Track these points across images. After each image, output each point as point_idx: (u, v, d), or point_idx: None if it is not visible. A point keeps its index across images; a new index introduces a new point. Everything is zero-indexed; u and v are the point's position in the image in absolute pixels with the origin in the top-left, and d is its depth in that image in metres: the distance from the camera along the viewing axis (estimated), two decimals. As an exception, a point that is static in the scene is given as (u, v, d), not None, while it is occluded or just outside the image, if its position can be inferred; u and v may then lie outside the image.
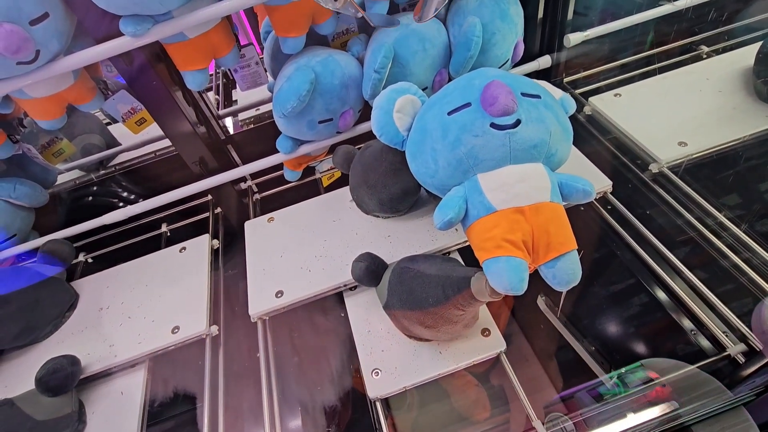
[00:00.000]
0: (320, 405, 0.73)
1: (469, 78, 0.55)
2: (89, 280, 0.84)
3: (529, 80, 0.55)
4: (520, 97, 0.51)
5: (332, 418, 0.73)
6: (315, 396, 0.73)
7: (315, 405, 0.73)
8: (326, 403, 0.74)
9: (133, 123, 0.79)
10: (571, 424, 0.59)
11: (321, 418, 0.72)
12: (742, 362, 0.58)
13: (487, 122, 0.50)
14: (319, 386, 0.74)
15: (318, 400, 0.73)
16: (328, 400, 0.73)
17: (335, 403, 0.73)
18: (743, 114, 0.80)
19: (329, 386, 0.74)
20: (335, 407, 0.73)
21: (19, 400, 0.63)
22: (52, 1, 0.55)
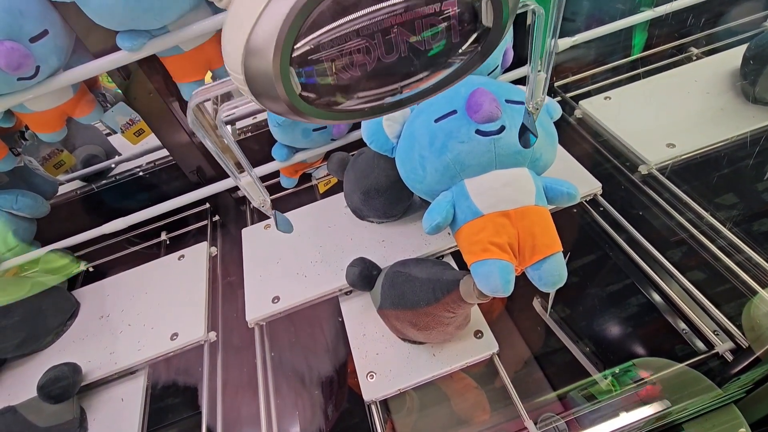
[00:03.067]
0: (318, 409, 0.74)
1: (455, 86, 0.56)
2: (90, 289, 0.85)
3: (514, 87, 0.57)
4: (505, 103, 0.52)
5: (330, 422, 0.74)
6: (313, 400, 0.74)
7: (313, 409, 0.73)
8: (324, 407, 0.75)
9: (131, 134, 0.81)
10: (563, 423, 0.60)
11: (319, 422, 0.73)
12: (731, 360, 0.59)
13: (472, 129, 0.51)
14: (317, 390, 0.74)
15: (316, 404, 0.74)
16: (325, 404, 0.74)
17: (333, 407, 0.74)
18: (730, 115, 0.81)
19: (326, 390, 0.75)
20: (333, 411, 0.74)
21: (22, 407, 0.64)
22: (51, 19, 0.57)
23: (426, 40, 0.24)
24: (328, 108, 0.25)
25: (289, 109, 0.24)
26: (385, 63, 0.24)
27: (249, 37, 0.21)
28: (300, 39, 0.22)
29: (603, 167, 0.83)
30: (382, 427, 0.61)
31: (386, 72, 0.24)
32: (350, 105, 0.26)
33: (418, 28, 0.23)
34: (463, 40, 0.25)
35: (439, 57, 0.25)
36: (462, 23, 0.24)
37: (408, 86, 0.26)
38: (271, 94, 0.23)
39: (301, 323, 0.77)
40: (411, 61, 0.24)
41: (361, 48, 0.23)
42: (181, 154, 0.80)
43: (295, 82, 0.23)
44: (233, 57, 0.23)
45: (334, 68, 0.23)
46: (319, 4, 0.20)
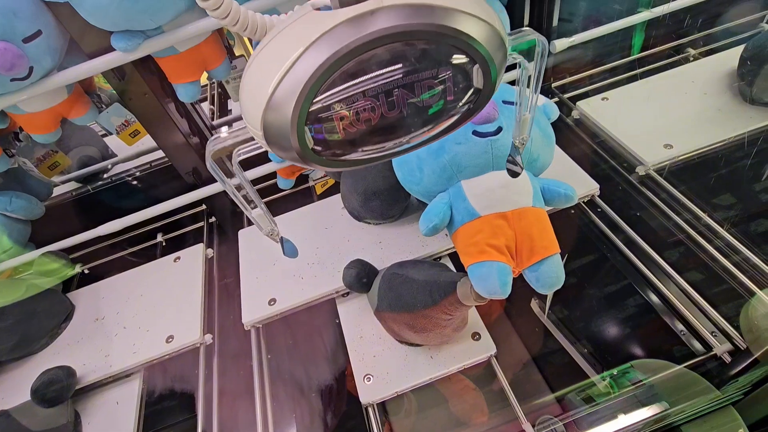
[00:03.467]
0: (315, 412, 0.74)
1: None
2: (85, 291, 0.85)
3: (510, 87, 0.57)
4: (502, 104, 0.52)
5: (327, 425, 0.73)
6: (309, 403, 0.73)
7: (309, 412, 0.73)
8: (321, 409, 0.74)
9: (127, 135, 0.80)
10: (561, 426, 0.59)
11: (316, 424, 0.73)
12: (729, 362, 0.58)
13: (469, 130, 0.51)
14: (314, 393, 0.74)
15: (312, 407, 0.73)
16: (322, 406, 0.74)
17: (330, 410, 0.73)
18: (727, 116, 0.81)
19: (323, 393, 0.74)
20: (330, 414, 0.73)
21: (15, 411, 0.64)
22: (44, 19, 0.56)
23: (425, 100, 0.26)
24: (335, 157, 0.28)
25: (300, 158, 0.27)
26: (388, 120, 0.26)
27: (270, 98, 0.24)
28: (314, 100, 0.24)
29: (600, 168, 0.83)
30: (379, 430, 0.61)
31: (390, 128, 0.27)
32: (356, 156, 0.28)
33: (417, 90, 0.26)
34: (458, 98, 0.28)
35: (437, 114, 0.28)
36: (456, 85, 0.27)
37: (410, 140, 0.29)
38: (285, 146, 0.26)
39: (298, 325, 0.77)
40: (412, 118, 0.27)
41: (367, 107, 0.25)
42: (176, 155, 0.79)
43: (309, 137, 0.26)
44: (252, 113, 0.25)
45: (342, 125, 0.26)
46: (335, 72, 0.23)
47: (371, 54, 0.23)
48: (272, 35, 0.25)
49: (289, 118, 0.24)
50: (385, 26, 0.22)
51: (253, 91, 0.25)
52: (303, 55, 0.23)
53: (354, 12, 0.23)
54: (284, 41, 0.24)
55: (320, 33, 0.23)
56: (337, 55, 0.22)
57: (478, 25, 0.25)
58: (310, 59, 0.23)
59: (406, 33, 0.23)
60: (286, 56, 0.23)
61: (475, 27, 0.24)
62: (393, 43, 0.23)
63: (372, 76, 0.24)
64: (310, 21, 0.24)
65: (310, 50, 0.23)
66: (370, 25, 0.22)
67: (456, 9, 0.24)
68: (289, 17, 0.26)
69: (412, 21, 0.23)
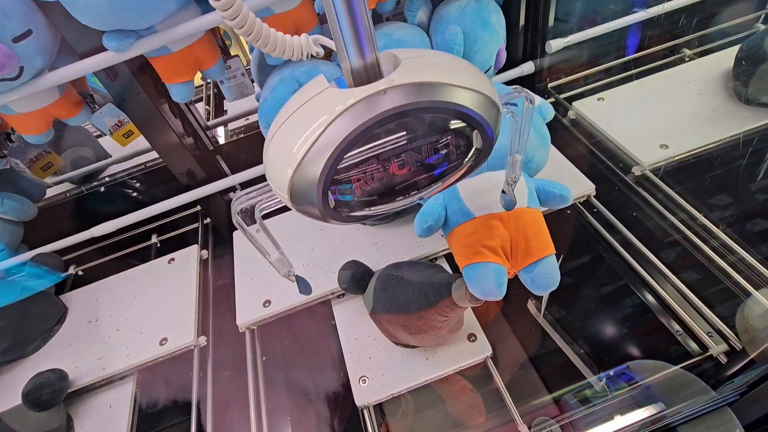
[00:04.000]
0: (310, 414, 0.73)
1: None
2: (78, 293, 0.84)
3: (508, 89, 0.56)
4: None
5: (322, 427, 0.73)
6: (305, 405, 0.73)
7: (304, 414, 0.73)
8: (316, 411, 0.74)
9: (120, 136, 0.79)
10: (557, 427, 0.59)
11: (311, 426, 0.72)
12: (725, 362, 0.58)
13: None
14: (309, 395, 0.73)
15: (308, 409, 0.73)
16: (318, 408, 0.73)
17: (325, 412, 0.73)
18: (723, 116, 0.81)
19: (319, 395, 0.74)
20: (326, 415, 0.73)
21: (6, 415, 0.63)
22: (35, 19, 0.56)
23: (431, 162, 0.30)
24: (352, 213, 0.31)
25: (321, 216, 0.30)
26: (399, 180, 0.30)
27: (297, 166, 0.27)
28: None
29: (596, 168, 0.83)
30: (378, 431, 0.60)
31: (400, 186, 0.30)
32: (369, 212, 0.32)
33: (424, 152, 0.29)
34: (461, 158, 0.31)
35: (443, 173, 0.31)
36: (459, 147, 0.30)
37: (420, 196, 0.32)
38: (309, 205, 0.29)
39: (293, 327, 0.76)
40: (421, 177, 0.30)
41: (380, 169, 0.29)
42: (170, 156, 0.78)
43: (330, 198, 0.29)
44: (280, 179, 0.28)
45: (358, 186, 0.29)
46: (358, 143, 0.26)
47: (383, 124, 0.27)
48: (294, 107, 0.29)
49: (315, 183, 0.27)
50: (396, 105, 0.26)
51: (280, 158, 0.28)
52: (327, 129, 0.26)
53: (368, 92, 0.26)
54: (308, 115, 0.27)
55: (341, 110, 0.26)
56: (358, 129, 0.26)
57: (473, 97, 0.28)
58: (334, 133, 0.26)
59: (413, 110, 0.26)
60: (311, 130, 0.26)
61: (470, 98, 0.28)
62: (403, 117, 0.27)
63: (383, 142, 0.27)
64: (329, 98, 0.27)
65: (332, 125, 0.26)
66: (383, 103, 0.26)
67: (453, 84, 0.27)
68: (307, 91, 0.29)
69: (418, 99, 0.26)
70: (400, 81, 0.26)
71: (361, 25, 0.25)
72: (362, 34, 0.26)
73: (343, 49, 0.26)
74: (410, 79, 0.26)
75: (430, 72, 0.27)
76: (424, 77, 0.27)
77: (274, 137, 0.29)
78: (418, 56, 0.29)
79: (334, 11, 0.25)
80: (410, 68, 0.27)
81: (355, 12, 0.25)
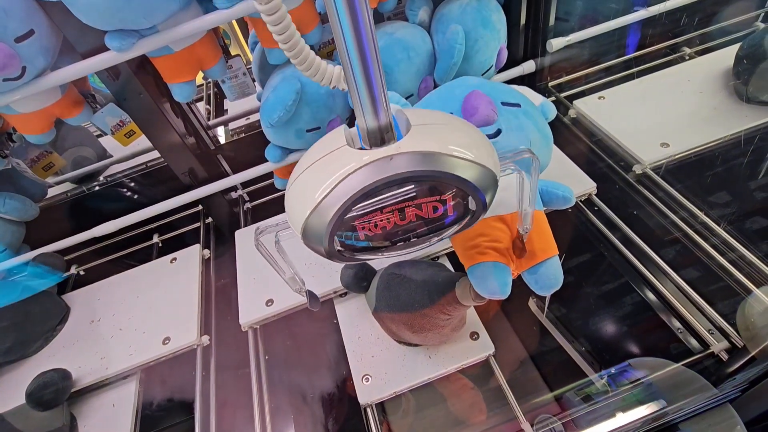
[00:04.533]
0: (313, 412, 0.73)
1: (450, 87, 0.56)
2: (80, 293, 0.84)
3: (509, 88, 0.56)
4: (500, 106, 0.52)
5: (326, 426, 0.73)
6: (308, 404, 0.73)
7: (308, 412, 0.73)
8: (319, 410, 0.74)
9: (122, 135, 0.80)
10: (560, 424, 0.59)
11: (314, 425, 0.73)
12: (726, 359, 0.59)
13: None
14: (312, 394, 0.74)
15: (311, 408, 0.73)
16: (321, 407, 0.73)
17: (328, 411, 0.73)
18: (723, 114, 0.81)
19: (322, 394, 0.74)
20: (328, 414, 0.73)
21: (10, 415, 0.63)
22: (37, 19, 0.56)
23: (430, 217, 0.32)
24: (353, 255, 0.35)
25: (326, 255, 0.34)
26: (400, 229, 0.33)
27: (312, 211, 0.31)
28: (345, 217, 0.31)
29: (597, 167, 0.83)
30: (378, 430, 0.60)
31: (401, 236, 0.34)
32: (370, 256, 0.35)
33: (425, 209, 0.32)
34: (457, 215, 0.34)
35: (441, 226, 0.34)
36: (456, 207, 0.33)
37: (419, 247, 0.35)
38: (317, 245, 0.33)
39: (296, 326, 0.76)
40: (421, 229, 0.33)
41: (383, 219, 0.32)
42: (172, 155, 0.79)
43: (336, 241, 0.33)
44: (297, 219, 0.32)
45: (363, 233, 0.32)
46: (365, 197, 0.30)
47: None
48: (317, 156, 0.32)
49: (325, 227, 0.31)
50: (401, 171, 0.29)
51: (300, 199, 0.32)
52: (340, 184, 0.30)
53: (379, 155, 0.29)
54: (326, 169, 0.31)
55: (355, 168, 0.29)
56: (367, 188, 0.29)
57: (473, 168, 0.31)
58: (346, 187, 0.30)
59: (416, 176, 0.30)
60: (328, 182, 0.30)
61: (469, 170, 0.31)
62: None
63: (388, 196, 0.30)
64: (345, 155, 0.31)
65: (345, 181, 0.30)
66: (391, 167, 0.29)
67: (455, 156, 0.30)
68: (326, 145, 0.32)
69: (421, 168, 0.29)
70: (407, 149, 0.29)
71: (377, 93, 0.28)
72: (378, 101, 0.28)
73: (360, 112, 0.29)
74: (416, 148, 0.30)
75: (436, 142, 0.30)
76: (429, 147, 0.30)
77: (296, 180, 0.33)
78: (429, 122, 0.32)
79: (354, 82, 0.27)
80: (418, 136, 0.30)
81: (372, 82, 0.27)
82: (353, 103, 0.29)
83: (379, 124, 0.29)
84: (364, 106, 0.29)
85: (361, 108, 0.29)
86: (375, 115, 0.29)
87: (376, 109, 0.29)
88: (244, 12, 0.59)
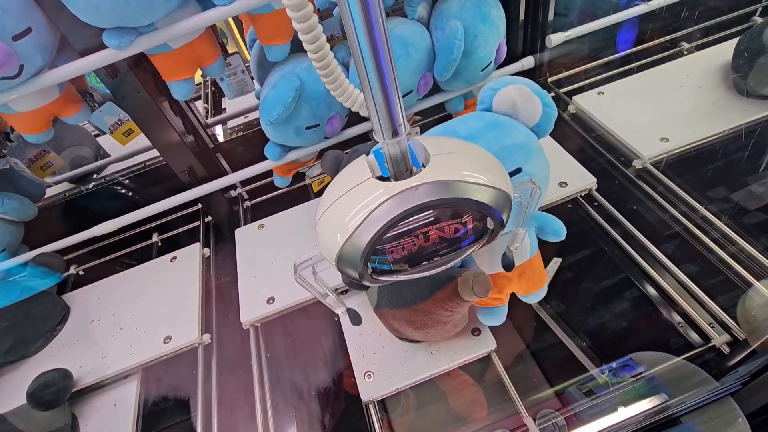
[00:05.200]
0: (315, 410, 0.73)
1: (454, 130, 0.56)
2: (80, 293, 0.84)
3: (512, 143, 0.53)
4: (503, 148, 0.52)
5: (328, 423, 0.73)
6: (310, 401, 0.73)
7: (310, 410, 0.73)
8: (321, 407, 0.74)
9: (120, 134, 0.79)
10: (562, 419, 0.60)
11: (316, 423, 0.72)
12: (727, 353, 0.59)
13: None
14: (314, 391, 0.74)
15: (313, 406, 0.73)
16: (323, 404, 0.73)
17: (330, 408, 0.73)
18: (722, 109, 0.81)
19: (324, 391, 0.74)
20: (330, 411, 0.73)
21: (11, 415, 0.63)
22: (34, 17, 0.55)
23: (452, 237, 0.35)
24: (383, 277, 0.37)
25: (359, 278, 0.36)
26: (425, 251, 0.36)
27: (346, 241, 0.34)
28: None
29: (597, 162, 0.83)
30: (380, 427, 0.60)
31: (426, 257, 0.36)
32: (399, 277, 0.38)
33: (446, 230, 0.35)
34: (477, 235, 0.37)
35: (462, 247, 0.37)
36: (476, 228, 0.36)
37: (443, 264, 0.38)
38: (351, 270, 0.35)
39: (297, 324, 0.76)
40: (443, 249, 0.36)
41: (409, 242, 0.35)
42: (171, 154, 0.78)
43: (369, 268, 0.36)
44: (330, 249, 0.35)
45: (392, 257, 0.35)
46: (395, 225, 0.33)
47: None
48: (344, 188, 0.35)
49: (360, 254, 0.34)
50: (425, 200, 0.32)
51: (332, 232, 0.35)
52: (372, 214, 0.33)
53: (404, 186, 0.33)
54: (357, 201, 0.34)
55: (384, 199, 0.33)
56: (397, 217, 0.33)
57: (489, 193, 0.34)
58: (378, 217, 0.33)
59: (438, 203, 0.33)
60: (362, 213, 0.33)
61: (486, 194, 0.34)
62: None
63: (412, 221, 0.33)
64: (372, 188, 0.34)
65: (376, 211, 0.33)
66: (416, 197, 0.32)
67: (473, 183, 0.34)
68: (353, 177, 0.36)
69: (443, 196, 0.33)
70: (430, 179, 0.33)
71: (397, 121, 0.31)
72: (398, 128, 0.31)
73: (384, 143, 0.32)
74: (438, 177, 0.33)
75: (455, 171, 0.34)
76: (450, 176, 0.33)
77: (327, 211, 0.36)
78: (446, 152, 0.35)
79: (373, 102, 0.30)
80: (438, 166, 0.34)
81: (393, 113, 0.30)
82: (375, 135, 0.32)
83: (400, 151, 0.33)
84: (385, 133, 0.31)
85: (382, 135, 0.31)
86: (397, 145, 0.32)
87: (396, 133, 0.31)
88: (243, 9, 0.59)
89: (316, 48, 0.32)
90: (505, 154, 0.53)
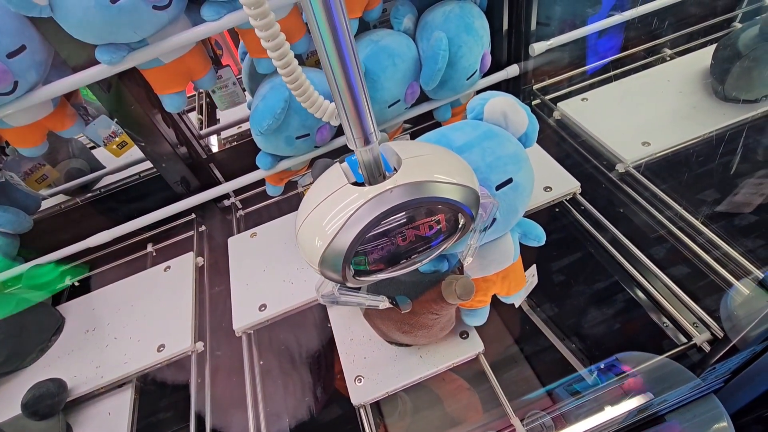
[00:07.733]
0: (308, 415, 0.74)
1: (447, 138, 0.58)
2: (75, 303, 0.85)
3: (506, 153, 0.54)
4: (495, 192, 0.53)
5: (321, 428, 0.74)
6: (302, 406, 0.74)
7: (303, 416, 0.73)
8: (314, 413, 0.75)
9: (114, 147, 0.81)
10: (549, 419, 0.61)
11: (309, 428, 0.73)
12: (708, 350, 0.60)
13: None
14: (307, 397, 0.74)
15: (306, 411, 0.74)
16: (315, 409, 0.74)
17: (323, 412, 0.74)
18: (702, 113, 0.84)
19: (316, 396, 0.75)
20: (323, 416, 0.74)
21: (6, 426, 0.63)
22: (28, 34, 0.57)
23: (427, 235, 0.38)
24: (364, 277, 0.39)
25: (342, 280, 0.38)
26: (402, 249, 0.38)
27: (327, 247, 0.35)
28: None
29: (582, 167, 0.85)
30: (370, 430, 0.61)
31: (404, 254, 0.39)
32: (380, 275, 0.40)
33: (422, 228, 0.37)
34: (450, 231, 0.39)
35: (437, 243, 0.39)
36: (449, 225, 0.39)
37: (420, 262, 0.41)
38: (334, 273, 0.37)
39: (289, 330, 0.77)
40: (420, 247, 0.39)
41: (386, 242, 0.37)
42: (165, 165, 0.80)
43: (351, 270, 0.37)
44: (311, 255, 0.37)
45: (371, 258, 0.37)
46: (373, 227, 0.35)
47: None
48: (322, 195, 0.37)
49: (341, 257, 0.36)
50: (400, 201, 0.34)
51: (313, 239, 0.37)
52: (351, 218, 0.34)
53: (379, 190, 0.35)
54: (333, 207, 0.36)
55: (361, 203, 0.35)
56: (374, 219, 0.34)
57: (459, 190, 0.36)
58: (356, 220, 0.35)
59: (412, 203, 0.35)
60: (340, 217, 0.35)
61: (456, 192, 0.36)
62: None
63: (389, 221, 0.35)
64: (349, 193, 0.36)
65: (355, 215, 0.35)
66: (391, 199, 0.34)
67: (443, 182, 0.36)
68: (329, 184, 0.37)
69: (416, 195, 0.35)
70: (403, 181, 0.35)
71: (368, 128, 0.32)
72: (369, 136, 0.33)
73: (357, 150, 0.34)
74: (410, 179, 0.35)
75: (426, 172, 0.36)
76: (421, 177, 0.35)
77: (307, 219, 0.37)
78: (416, 155, 0.37)
79: (347, 119, 0.32)
80: (410, 169, 0.36)
81: (363, 118, 0.32)
82: (348, 143, 0.34)
83: (373, 157, 0.34)
84: (357, 141, 0.33)
85: (354, 143, 0.33)
86: (370, 152, 0.34)
87: (368, 141, 0.33)
88: (232, 23, 0.61)
89: (284, 64, 0.34)
90: (500, 164, 0.53)
